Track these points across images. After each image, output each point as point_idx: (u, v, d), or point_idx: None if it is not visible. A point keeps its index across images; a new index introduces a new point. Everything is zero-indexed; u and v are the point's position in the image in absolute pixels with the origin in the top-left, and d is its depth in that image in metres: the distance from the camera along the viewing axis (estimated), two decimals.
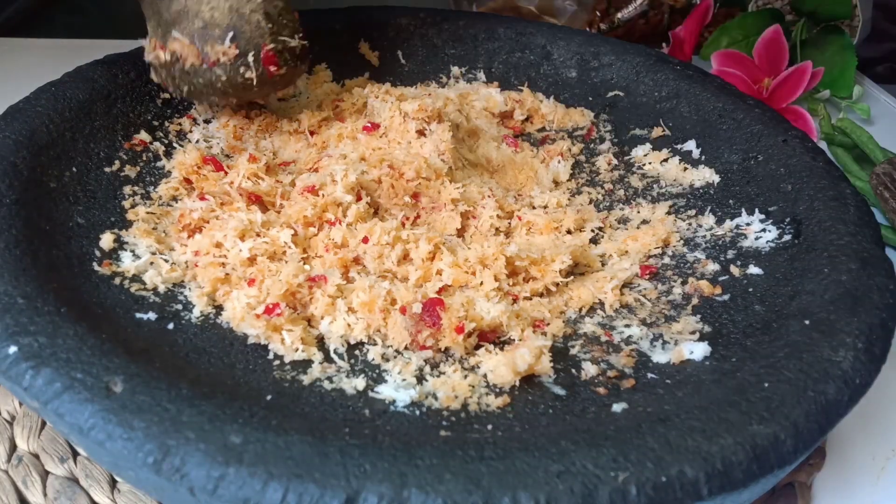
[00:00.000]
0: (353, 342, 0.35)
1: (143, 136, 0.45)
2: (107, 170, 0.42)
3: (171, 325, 0.34)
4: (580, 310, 0.38)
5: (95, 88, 0.44)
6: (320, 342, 0.34)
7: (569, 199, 0.46)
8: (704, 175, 0.46)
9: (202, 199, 0.40)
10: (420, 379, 0.33)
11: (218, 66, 0.40)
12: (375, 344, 0.34)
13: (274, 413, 0.27)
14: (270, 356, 0.33)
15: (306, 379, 0.32)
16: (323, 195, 0.39)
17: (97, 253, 0.36)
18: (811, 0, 0.69)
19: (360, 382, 0.32)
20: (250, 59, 0.40)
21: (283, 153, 0.47)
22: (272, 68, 0.41)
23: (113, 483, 0.34)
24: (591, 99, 0.54)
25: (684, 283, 0.39)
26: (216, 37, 0.40)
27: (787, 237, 0.39)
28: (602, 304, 0.38)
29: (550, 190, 0.47)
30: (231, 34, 0.40)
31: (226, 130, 0.48)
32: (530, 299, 0.38)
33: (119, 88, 0.46)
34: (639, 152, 0.50)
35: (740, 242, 0.41)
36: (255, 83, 0.41)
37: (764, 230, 0.40)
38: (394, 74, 0.56)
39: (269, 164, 0.44)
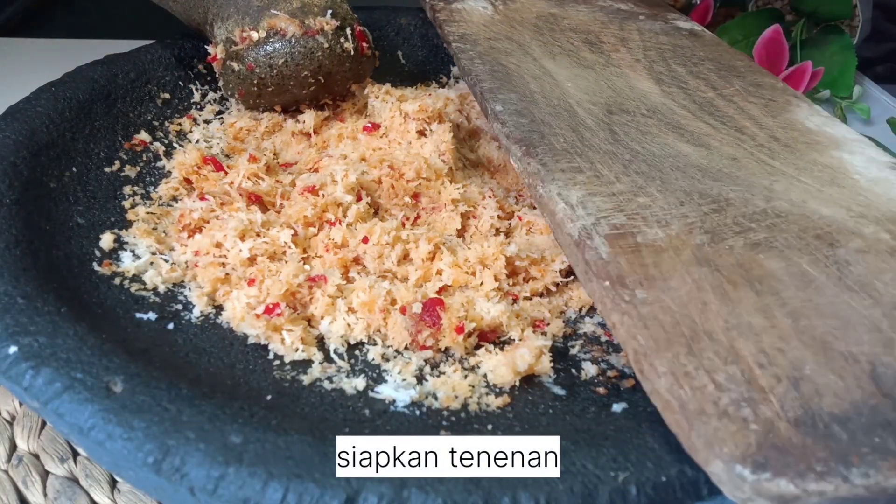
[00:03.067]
0: (353, 342, 0.35)
1: (143, 136, 0.45)
2: (107, 170, 0.42)
3: (171, 325, 0.34)
4: (580, 310, 0.38)
5: (95, 88, 0.44)
6: (320, 342, 0.34)
7: None
8: None
9: (202, 199, 0.40)
10: (420, 379, 0.33)
11: (321, 35, 0.44)
12: (375, 344, 0.34)
13: (274, 413, 0.27)
14: (270, 356, 0.33)
15: (306, 379, 0.32)
16: (323, 195, 0.39)
17: (97, 253, 0.36)
18: (811, 0, 0.69)
19: (360, 382, 0.32)
20: (348, 32, 0.45)
21: (285, 154, 0.47)
22: (364, 44, 0.46)
23: (113, 483, 0.34)
24: None
25: None
26: (316, 13, 0.44)
27: None
28: None
29: None
30: (330, 12, 0.44)
31: (229, 131, 0.48)
32: (530, 299, 0.38)
33: (119, 88, 0.46)
34: None
35: None
36: (351, 54, 0.45)
37: None
38: (394, 74, 0.56)
39: (269, 164, 0.44)
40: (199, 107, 0.49)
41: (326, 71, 0.45)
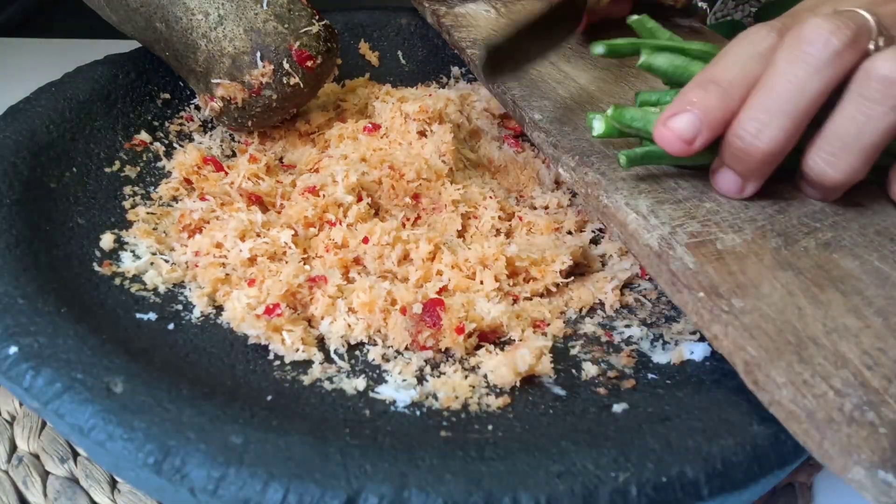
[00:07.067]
0: (353, 342, 0.35)
1: (144, 136, 0.45)
2: (107, 170, 0.42)
3: (171, 326, 0.34)
4: (580, 310, 0.38)
5: (95, 88, 0.44)
6: (321, 342, 0.34)
7: (570, 200, 0.46)
8: None
9: (202, 199, 0.40)
10: (420, 379, 0.33)
11: (265, 89, 0.41)
12: (376, 344, 0.34)
13: (274, 413, 0.27)
14: (271, 356, 0.33)
15: (307, 379, 0.32)
16: (324, 196, 0.39)
17: (97, 253, 0.36)
18: (778, 10, 0.67)
19: (360, 383, 0.32)
20: (286, 66, 0.41)
21: (290, 156, 0.47)
22: (309, 63, 0.42)
23: (113, 483, 0.34)
24: None
25: None
26: (248, 63, 0.41)
27: None
28: (602, 304, 0.38)
29: (552, 190, 0.47)
30: (259, 54, 0.41)
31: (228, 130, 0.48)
32: (531, 299, 0.38)
33: (119, 88, 0.46)
34: None
35: None
36: (302, 85, 0.42)
37: None
38: (394, 75, 0.56)
39: (270, 164, 0.44)
40: (199, 106, 0.49)
41: (292, 103, 0.44)
